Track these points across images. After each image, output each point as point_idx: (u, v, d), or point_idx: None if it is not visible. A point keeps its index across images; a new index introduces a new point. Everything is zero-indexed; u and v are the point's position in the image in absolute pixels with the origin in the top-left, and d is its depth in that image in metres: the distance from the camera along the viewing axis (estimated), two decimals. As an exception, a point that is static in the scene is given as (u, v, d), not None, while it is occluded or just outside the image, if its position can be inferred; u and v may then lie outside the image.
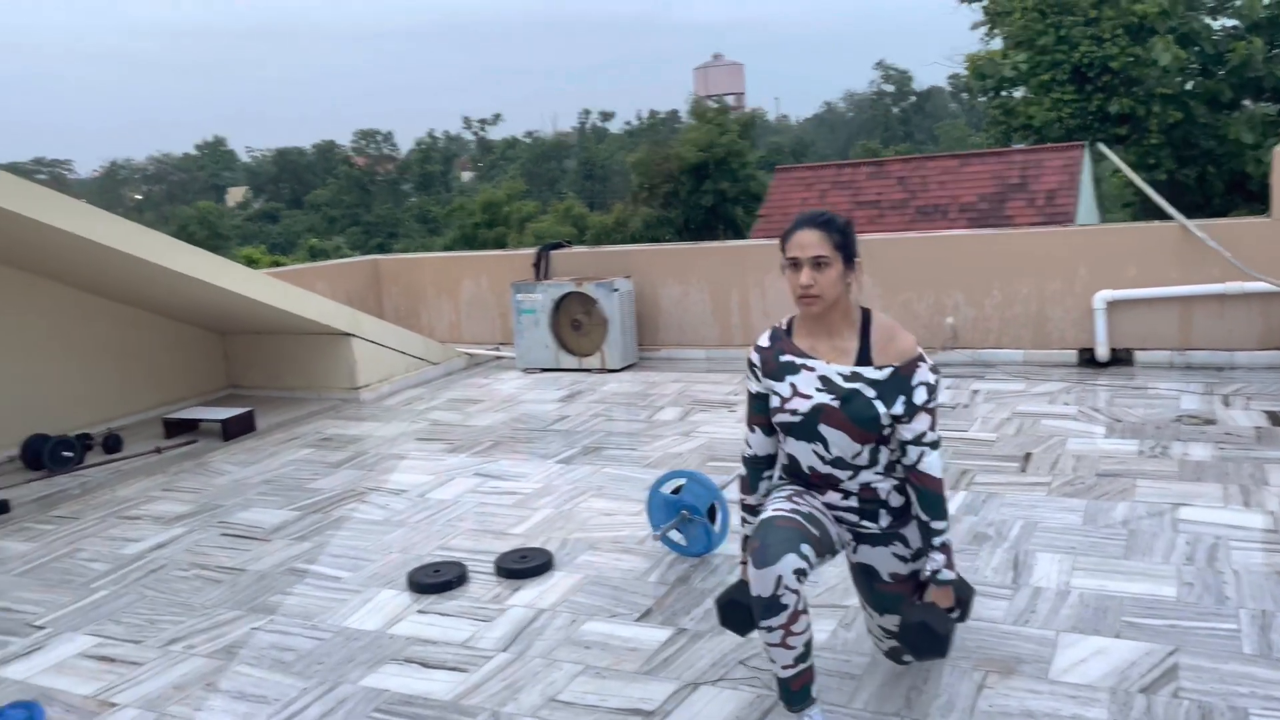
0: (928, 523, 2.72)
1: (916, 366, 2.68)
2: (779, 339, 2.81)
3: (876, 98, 73.27)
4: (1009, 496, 4.46)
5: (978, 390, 6.38)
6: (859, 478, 2.75)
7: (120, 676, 3.42)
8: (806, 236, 2.64)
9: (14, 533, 5.00)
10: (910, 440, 2.69)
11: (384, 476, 5.46)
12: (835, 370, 2.69)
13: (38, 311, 6.53)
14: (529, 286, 7.80)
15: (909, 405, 2.67)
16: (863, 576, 2.92)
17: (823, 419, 2.69)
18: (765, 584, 2.54)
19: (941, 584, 2.74)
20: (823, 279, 2.63)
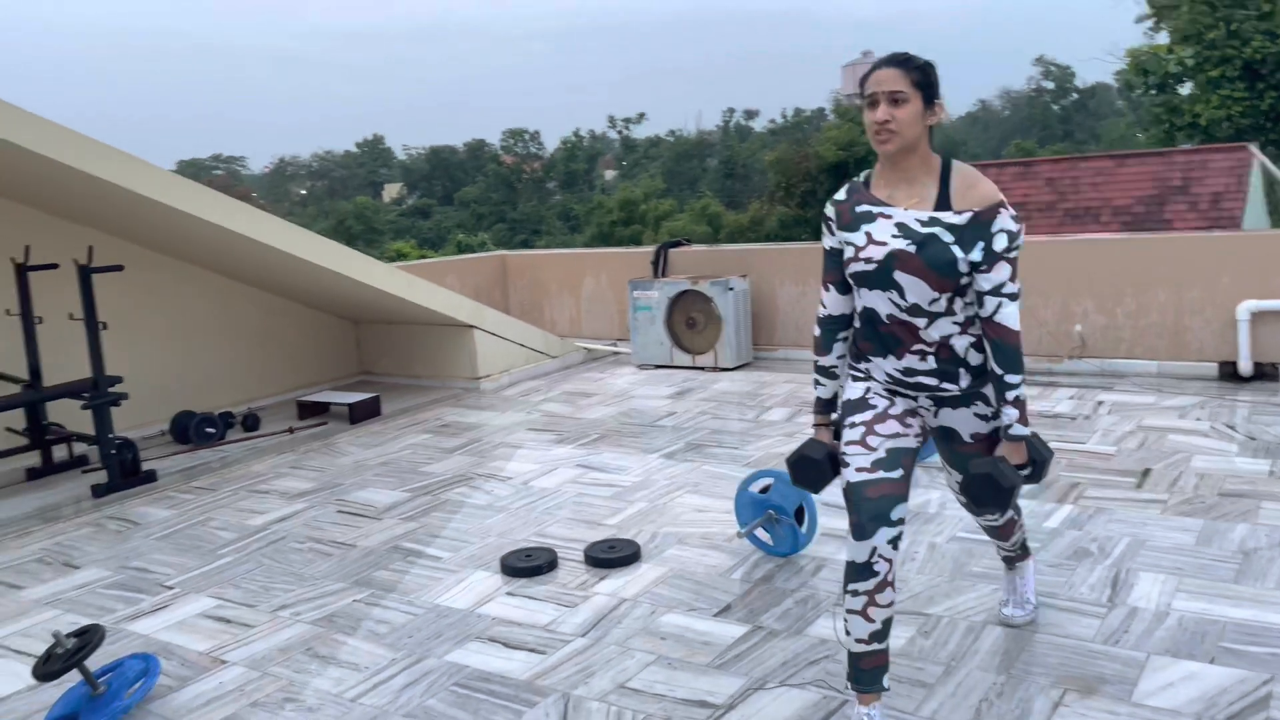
0: (1001, 376, 2.64)
1: (997, 212, 2.58)
2: (856, 190, 2.74)
3: (1035, 95, 70.35)
4: (1119, 513, 4.28)
5: (1103, 402, 6.11)
6: (936, 326, 2.66)
7: (233, 637, 3.68)
8: (884, 73, 2.56)
9: (158, 500, 5.42)
10: (988, 290, 2.59)
11: (493, 464, 5.66)
12: (913, 216, 2.61)
13: (191, 298, 7.04)
14: (646, 284, 7.91)
15: (988, 252, 2.57)
16: (944, 440, 2.87)
17: (898, 265, 2.60)
18: (860, 553, 2.61)
19: (1014, 439, 2.68)
20: (899, 115, 2.54)
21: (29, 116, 4.97)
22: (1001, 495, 2.62)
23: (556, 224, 53.07)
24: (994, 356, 2.65)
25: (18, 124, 4.91)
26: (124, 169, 5.34)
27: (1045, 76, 68.80)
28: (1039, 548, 3.94)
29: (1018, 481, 2.64)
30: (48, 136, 5.02)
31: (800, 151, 26.67)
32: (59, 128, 5.10)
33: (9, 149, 4.94)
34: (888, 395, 2.80)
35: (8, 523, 5.18)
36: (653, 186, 34.44)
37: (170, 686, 3.32)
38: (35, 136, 4.96)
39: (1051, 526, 4.17)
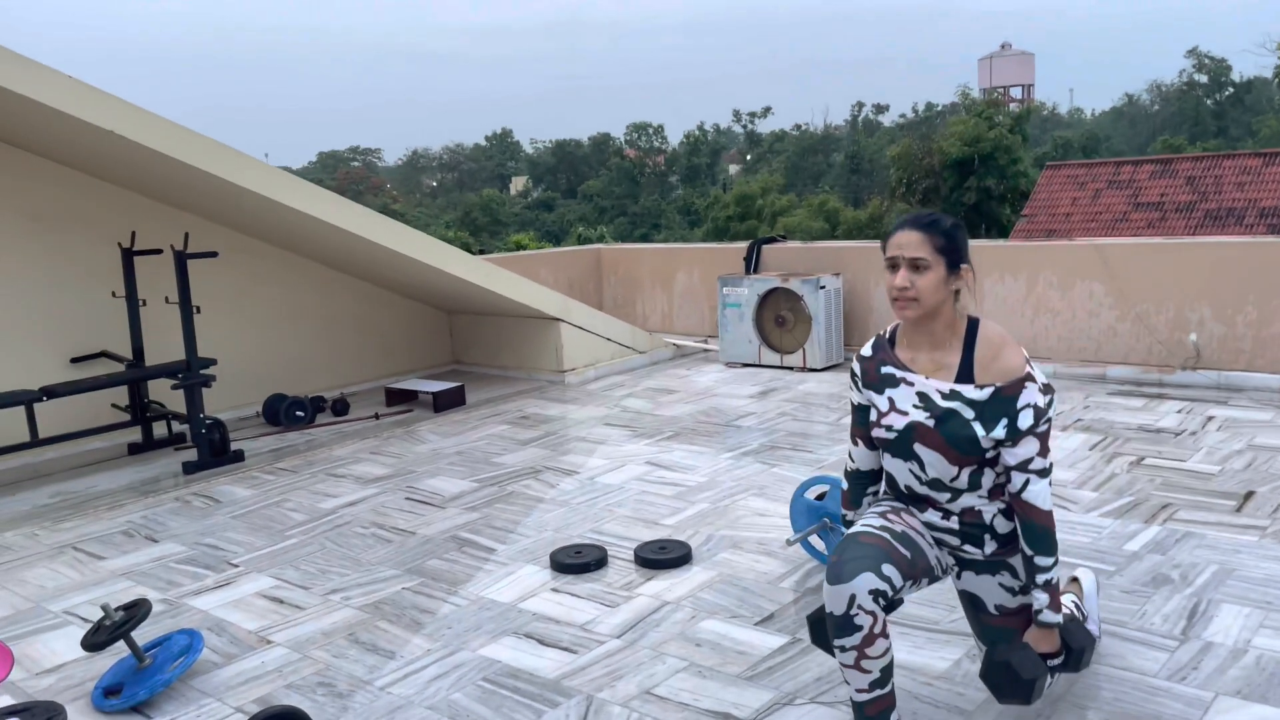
0: (1031, 558, 2.49)
1: (1023, 387, 2.44)
2: (881, 348, 2.65)
3: (1186, 89, 66.63)
4: (1210, 537, 3.96)
5: (1213, 417, 5.69)
6: (960, 501, 2.56)
7: (283, 617, 3.76)
8: (906, 236, 2.47)
9: (242, 480, 5.61)
10: (1014, 466, 2.46)
11: (563, 457, 5.65)
12: (934, 386, 2.51)
13: (290, 285, 7.28)
14: (735, 280, 7.78)
15: (1012, 429, 2.43)
16: (969, 606, 2.72)
17: (917, 438, 2.52)
18: (838, 601, 2.41)
19: (1044, 625, 2.50)
20: (920, 282, 2.44)
21: (137, 110, 5.20)
22: (1021, 688, 2.43)
23: (676, 218, 53.12)
24: (1024, 536, 2.50)
25: (127, 117, 5.14)
26: (227, 162, 5.54)
27: (1198, 70, 65.00)
28: (1114, 571, 3.69)
29: (1040, 673, 2.45)
30: (154, 130, 5.25)
31: (924, 147, 25.91)
32: (165, 121, 5.32)
33: (120, 141, 5.18)
34: None
35: (105, 494, 5.45)
36: (770, 182, 34.03)
37: (215, 663, 3.41)
38: (141, 129, 5.19)
39: (1132, 549, 3.90)
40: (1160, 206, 18.31)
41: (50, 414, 5.80)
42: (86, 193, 6.27)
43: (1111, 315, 6.73)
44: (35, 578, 4.30)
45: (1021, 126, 26.33)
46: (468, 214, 55.45)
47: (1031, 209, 20.39)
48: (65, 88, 4.92)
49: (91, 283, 6.25)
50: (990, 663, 2.50)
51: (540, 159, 76.95)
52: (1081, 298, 6.83)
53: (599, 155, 69.36)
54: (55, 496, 5.47)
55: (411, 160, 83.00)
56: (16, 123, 5.47)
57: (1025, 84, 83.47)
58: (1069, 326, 6.91)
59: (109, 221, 6.29)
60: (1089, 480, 4.73)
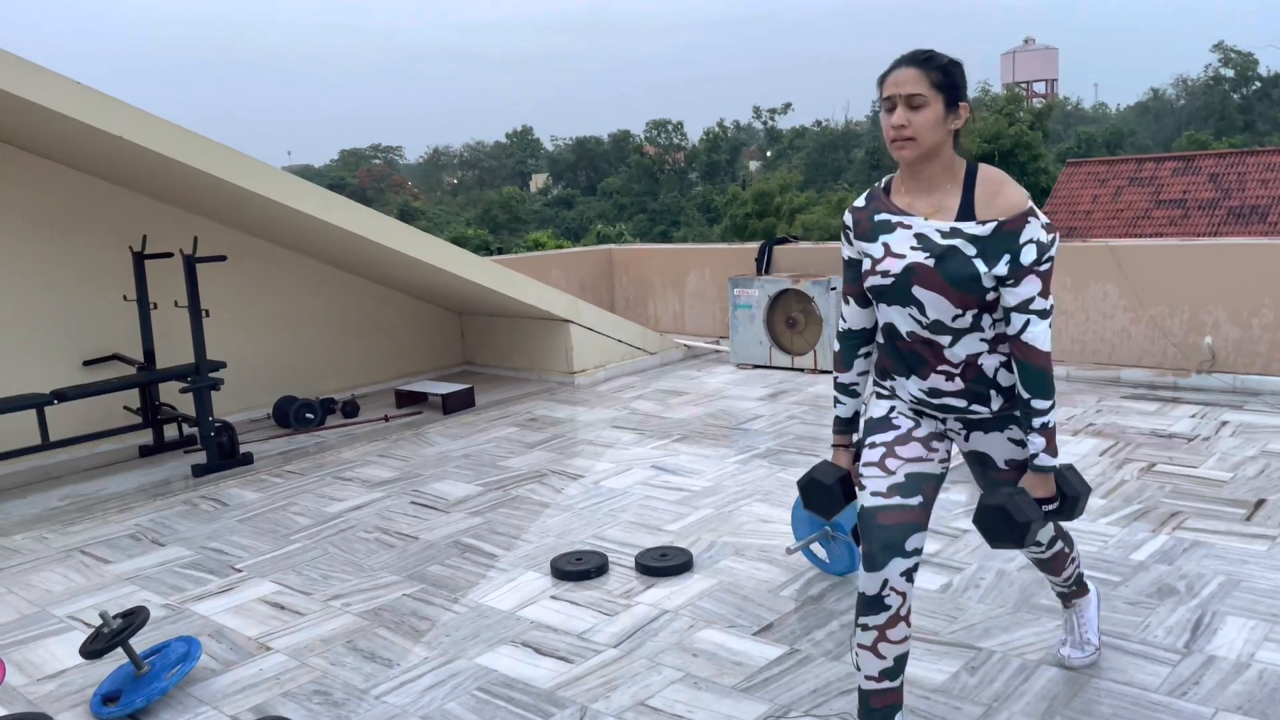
0: (1028, 400, 2.42)
1: (1025, 221, 2.35)
2: (875, 198, 2.56)
3: (1212, 83, 65.86)
4: (1219, 547, 3.91)
5: (1227, 422, 5.61)
6: (962, 344, 2.46)
7: (283, 624, 3.77)
8: (903, 74, 2.37)
9: (250, 483, 5.64)
10: (1014, 306, 2.37)
11: (569, 461, 5.64)
12: (933, 226, 2.41)
13: (300, 287, 7.31)
14: (746, 281, 7.74)
15: (1014, 264, 2.35)
16: (978, 465, 2.67)
17: (916, 279, 2.42)
18: (871, 584, 2.46)
19: (1039, 470, 2.46)
20: (918, 120, 2.34)
21: (145, 116, 5.23)
22: (1015, 531, 2.38)
23: (695, 215, 53.02)
24: (1021, 379, 2.43)
25: (135, 123, 5.17)
26: (235, 166, 5.56)
27: (1224, 64, 64.23)
28: (1119, 581, 3.64)
29: (1035, 516, 2.40)
30: (162, 135, 5.27)
31: (943, 144, 25.67)
32: (173, 126, 5.35)
33: (129, 146, 5.21)
34: (913, 416, 2.61)
35: (114, 497, 5.50)
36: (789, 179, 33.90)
37: (214, 670, 3.43)
38: (149, 134, 5.22)
39: (1138, 559, 3.85)
40: (1183, 204, 18.09)
41: (62, 416, 5.85)
42: (98, 197, 6.31)
43: (1125, 317, 6.65)
44: (42, 581, 4.34)
45: (1042, 123, 26.07)
46: (487, 211, 55.59)
47: (1051, 206, 20.19)
48: (74, 94, 4.95)
49: (103, 286, 6.30)
50: (984, 507, 2.44)
51: (560, 156, 76.99)
52: (1095, 299, 6.76)
53: (619, 152, 69.33)
54: (65, 499, 5.52)
55: (432, 158, 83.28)
56: (28, 127, 5.51)
57: (1049, 79, 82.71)
58: (1082, 328, 6.83)
59: (120, 225, 6.33)
60: (1098, 487, 4.67)
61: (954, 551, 4.04)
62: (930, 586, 3.72)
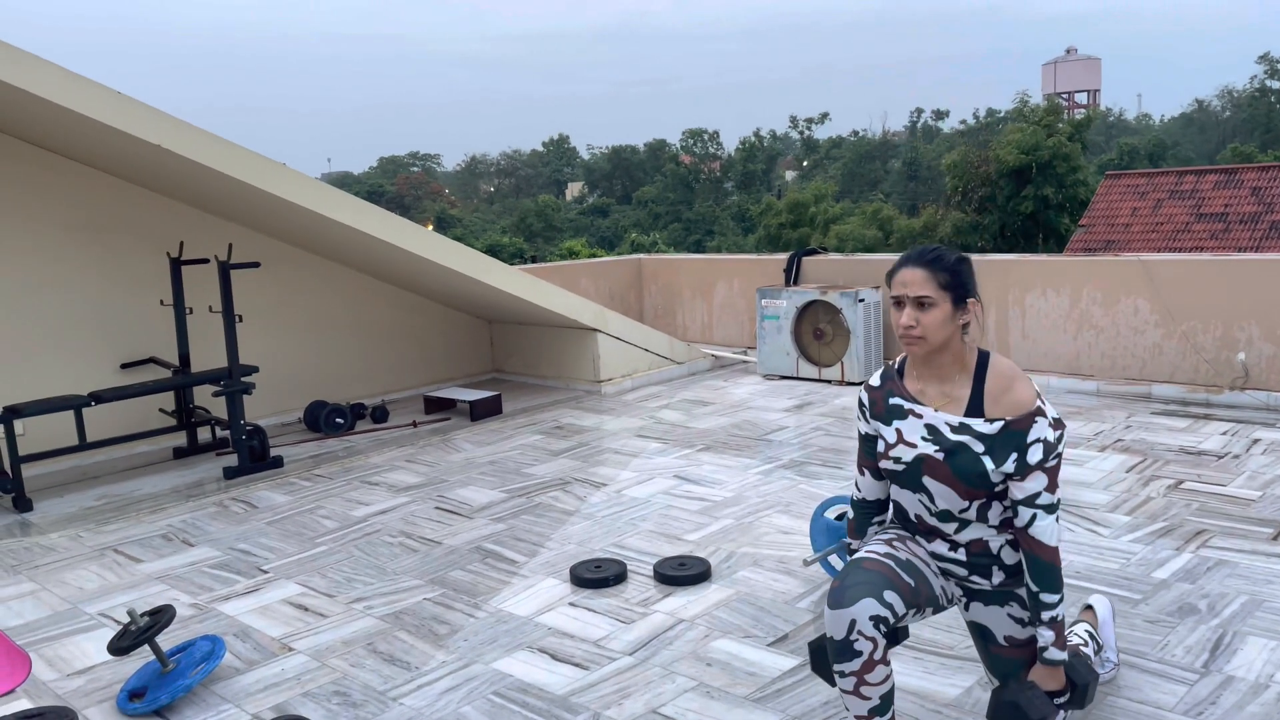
0: (1037, 594, 2.46)
1: (1033, 421, 2.42)
2: (889, 379, 2.64)
3: (1258, 95, 64.83)
4: (1243, 566, 3.86)
5: (1259, 440, 5.54)
6: (967, 532, 2.54)
7: (306, 625, 3.84)
8: (910, 274, 2.47)
9: (280, 485, 5.73)
10: (1021, 500, 2.44)
11: (593, 469, 5.68)
12: (943, 419, 2.49)
13: (332, 294, 7.42)
14: (774, 292, 7.75)
15: (1021, 463, 2.41)
16: (978, 637, 2.69)
17: (926, 470, 2.51)
18: (838, 626, 2.41)
19: (1049, 663, 2.48)
20: (926, 319, 2.44)
21: (184, 125, 5.36)
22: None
23: (730, 224, 53.04)
24: (1029, 571, 2.47)
25: (174, 132, 5.30)
26: (271, 175, 5.68)
27: (1270, 75, 63.18)
28: (1139, 599, 3.61)
29: (1048, 713, 2.42)
30: (200, 144, 5.40)
31: (980, 154, 25.53)
32: (210, 135, 5.47)
33: (167, 155, 5.34)
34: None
35: (148, 498, 5.61)
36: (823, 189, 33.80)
37: (237, 669, 3.50)
38: (188, 143, 5.34)
39: (1161, 577, 3.81)
40: (1224, 218, 17.83)
41: (99, 418, 5.99)
42: (137, 203, 6.46)
43: (1157, 333, 6.58)
44: (75, 579, 4.44)
45: (1081, 134, 25.82)
46: (523, 219, 55.94)
47: (1090, 219, 19.97)
48: (115, 104, 5.08)
49: (141, 291, 6.44)
50: (998, 703, 2.48)
51: (596, 165, 77.33)
52: (1126, 314, 6.69)
53: (654, 161, 69.53)
54: (101, 499, 5.65)
55: (470, 166, 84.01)
56: (70, 136, 5.66)
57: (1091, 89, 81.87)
58: (1113, 343, 6.77)
59: (158, 231, 6.48)
60: (1123, 503, 4.64)
61: (973, 566, 4.02)
62: (954, 611, 3.70)
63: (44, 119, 5.34)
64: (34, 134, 5.86)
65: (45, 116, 5.25)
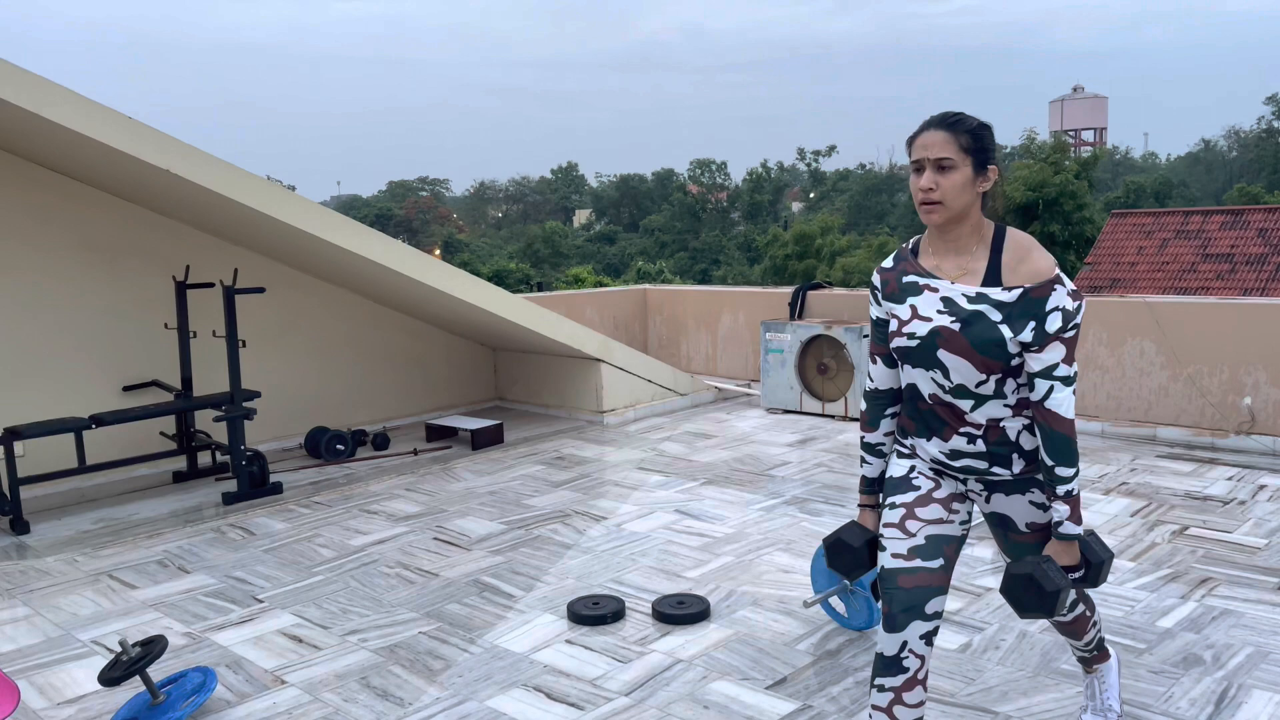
0: (1052, 468, 2.40)
1: (1051, 289, 2.36)
2: (904, 259, 2.57)
3: (1265, 135, 65.09)
4: (1249, 617, 3.81)
5: (1265, 486, 5.49)
6: (984, 409, 2.46)
7: (299, 657, 3.80)
8: (931, 136, 2.38)
9: (278, 512, 5.70)
10: (1039, 372, 2.37)
11: (593, 501, 5.65)
12: (960, 290, 2.42)
13: (335, 318, 7.42)
14: (778, 326, 7.74)
15: (1039, 331, 2.35)
16: (998, 527, 2.64)
17: (942, 344, 2.43)
18: (890, 645, 2.46)
19: (1064, 538, 2.43)
20: (946, 183, 2.35)
21: (191, 150, 5.38)
22: (1045, 600, 2.36)
23: (736, 254, 53.15)
24: (1044, 445, 2.41)
25: (182, 156, 5.32)
26: (277, 201, 5.69)
27: (1277, 116, 63.47)
28: (1144, 649, 3.57)
29: (1064, 585, 2.37)
30: (207, 169, 5.41)
31: (987, 190, 25.58)
32: (218, 161, 5.49)
33: (175, 179, 5.35)
34: (933, 477, 2.59)
35: (146, 522, 5.58)
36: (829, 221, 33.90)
37: (229, 701, 3.45)
38: (195, 168, 5.36)
39: (1165, 626, 3.77)
40: (1230, 258, 17.82)
41: (100, 440, 5.97)
42: (144, 227, 6.48)
43: (1163, 375, 6.55)
44: (69, 605, 4.41)
45: (1088, 172, 25.89)
46: (530, 245, 56.12)
47: (1095, 257, 19.99)
48: (124, 127, 5.11)
49: (146, 314, 6.44)
50: (1011, 576, 2.42)
51: (604, 193, 77.70)
52: (1132, 355, 6.67)
53: (662, 190, 69.83)
54: (98, 522, 5.62)
55: (478, 191, 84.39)
56: (78, 158, 5.68)
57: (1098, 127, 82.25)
58: (1118, 385, 6.74)
59: (165, 255, 6.49)
60: (1128, 549, 4.59)
61: (975, 610, 3.98)
62: (950, 645, 3.67)
63: (52, 141, 5.36)
64: (41, 156, 5.88)
65: (54, 139, 5.27)
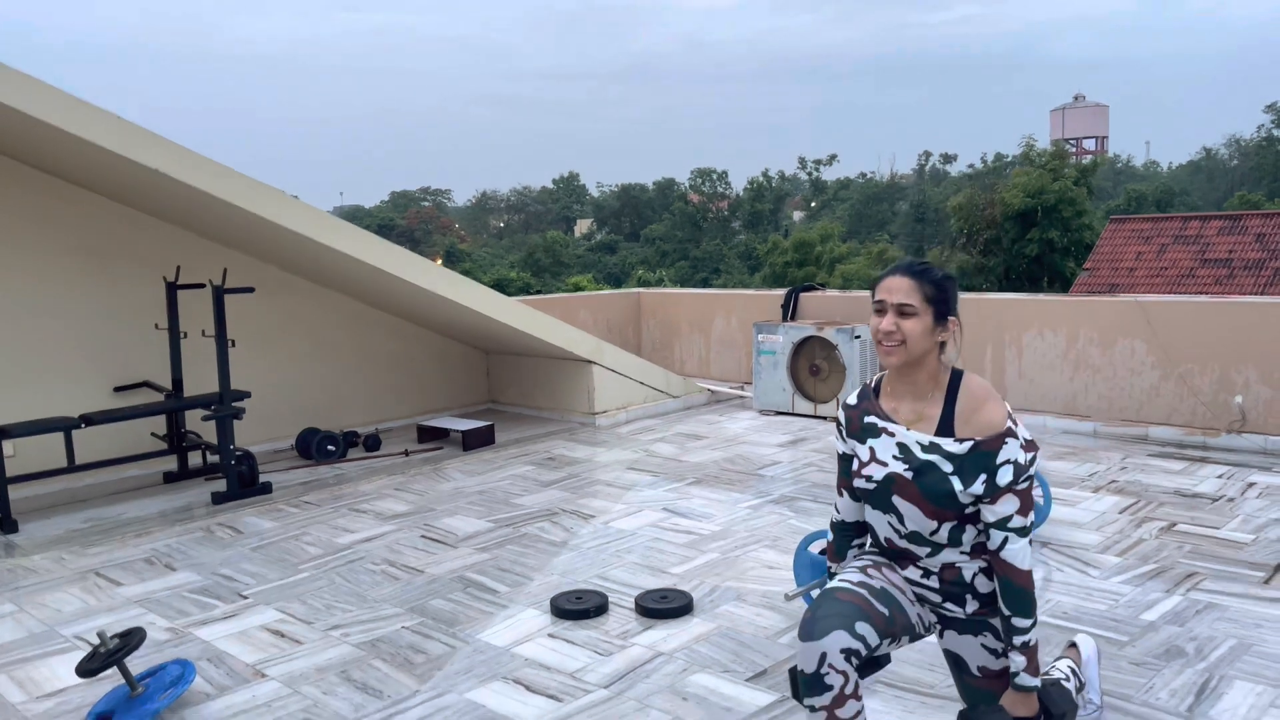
0: (1009, 618, 2.41)
1: (1003, 442, 2.39)
2: (866, 398, 2.62)
3: (1265, 144, 65.09)
4: (1233, 610, 3.80)
5: (1254, 484, 5.48)
6: (939, 556, 2.50)
7: (281, 651, 3.79)
8: (895, 282, 2.45)
9: (268, 512, 5.70)
10: (993, 523, 2.40)
11: (581, 500, 5.64)
12: (914, 438, 2.47)
13: (328, 321, 7.43)
14: (771, 327, 7.74)
15: (990, 484, 2.38)
16: (953, 666, 2.64)
17: (896, 490, 2.48)
18: (809, 659, 2.37)
19: (1021, 689, 2.42)
20: (906, 326, 2.41)
21: (182, 150, 5.39)
22: None
23: (736, 263, 53.17)
24: (1001, 595, 2.43)
25: (172, 157, 5.33)
26: (269, 201, 5.70)
27: (1277, 124, 63.50)
28: (1126, 641, 3.55)
29: None
30: (197, 169, 5.43)
31: (985, 198, 25.63)
32: (208, 161, 5.51)
33: (165, 179, 5.37)
34: None
35: (134, 521, 5.58)
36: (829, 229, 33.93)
37: (208, 694, 3.45)
38: (185, 168, 5.37)
39: (1149, 619, 3.75)
40: (1228, 263, 17.82)
41: (90, 441, 5.97)
42: (135, 228, 6.50)
43: (1154, 374, 6.55)
44: (54, 601, 4.41)
45: (1087, 179, 25.93)
46: (531, 255, 56.14)
47: (1094, 263, 20.00)
48: (114, 127, 5.12)
49: (137, 314, 6.45)
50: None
51: (605, 202, 77.77)
52: (1123, 355, 6.66)
53: (663, 200, 69.88)
54: (87, 521, 5.62)
55: (480, 201, 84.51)
56: (70, 159, 5.71)
57: (1099, 136, 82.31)
58: (1110, 384, 6.73)
59: (156, 256, 6.50)
60: (1114, 545, 4.58)
61: (959, 605, 3.96)
62: (931, 638, 3.65)
63: (44, 142, 5.38)
64: (32, 157, 5.91)
65: (45, 140, 5.29)
